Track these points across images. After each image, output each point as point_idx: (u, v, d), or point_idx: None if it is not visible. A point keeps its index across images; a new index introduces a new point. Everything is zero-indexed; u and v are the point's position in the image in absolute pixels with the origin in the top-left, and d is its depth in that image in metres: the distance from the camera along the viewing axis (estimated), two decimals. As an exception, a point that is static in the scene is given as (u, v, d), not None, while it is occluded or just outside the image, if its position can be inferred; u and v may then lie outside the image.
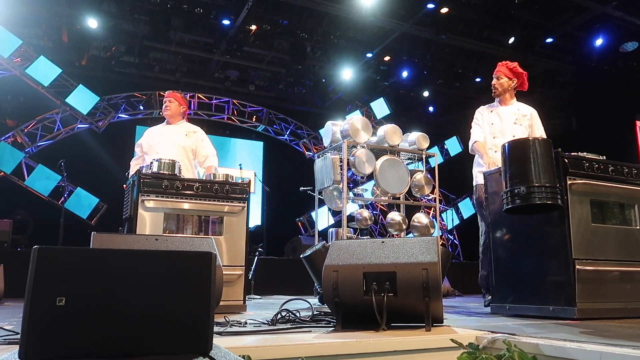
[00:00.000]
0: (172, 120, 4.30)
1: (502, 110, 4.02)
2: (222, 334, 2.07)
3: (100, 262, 1.31)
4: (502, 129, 3.95)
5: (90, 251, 1.31)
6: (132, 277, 1.33)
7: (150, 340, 1.34)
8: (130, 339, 1.32)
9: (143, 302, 1.33)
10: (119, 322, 1.31)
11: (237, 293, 3.44)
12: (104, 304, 1.30)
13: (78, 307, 1.28)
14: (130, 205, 3.43)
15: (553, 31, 8.47)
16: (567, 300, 2.83)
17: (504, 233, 3.31)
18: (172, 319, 1.35)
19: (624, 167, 3.21)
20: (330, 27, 8.67)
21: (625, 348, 1.67)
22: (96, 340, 1.29)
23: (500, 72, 4.04)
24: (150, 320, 1.34)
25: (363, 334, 2.07)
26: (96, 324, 1.29)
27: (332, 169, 4.25)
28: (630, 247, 3.12)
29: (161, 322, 1.35)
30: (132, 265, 1.33)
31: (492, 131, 3.99)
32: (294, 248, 7.95)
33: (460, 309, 3.86)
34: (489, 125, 4.01)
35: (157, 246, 2.24)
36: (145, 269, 1.34)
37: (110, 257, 1.31)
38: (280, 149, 10.52)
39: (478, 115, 4.10)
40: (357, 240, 2.46)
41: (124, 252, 1.37)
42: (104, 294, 1.30)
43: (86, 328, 1.28)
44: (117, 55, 9.06)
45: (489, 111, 4.06)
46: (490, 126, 4.00)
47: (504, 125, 3.96)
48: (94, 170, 8.27)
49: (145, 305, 1.33)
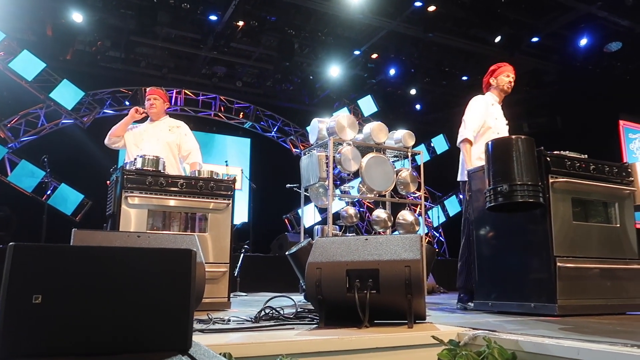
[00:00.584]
0: (156, 117, 4.28)
1: (499, 108, 4.01)
2: (204, 332, 2.07)
3: (77, 260, 1.29)
4: (501, 127, 3.96)
5: (66, 248, 1.30)
6: (110, 275, 1.32)
7: (129, 338, 1.33)
8: (108, 336, 1.31)
9: (121, 299, 1.32)
10: (97, 319, 1.30)
11: (222, 290, 3.43)
12: (81, 302, 1.29)
13: (55, 304, 1.26)
14: (113, 201, 3.40)
15: (539, 30, 8.55)
16: (548, 297, 2.87)
17: (488, 231, 3.34)
18: (151, 317, 1.35)
19: (605, 165, 3.26)
20: (318, 24, 8.65)
21: (602, 344, 1.70)
22: (74, 337, 1.27)
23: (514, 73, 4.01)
24: (129, 318, 1.33)
25: (345, 331, 2.08)
26: (74, 322, 1.27)
27: (318, 166, 4.24)
28: (611, 244, 3.18)
29: (140, 320, 1.34)
30: (110, 263, 1.31)
31: (496, 126, 3.91)
32: (281, 245, 7.94)
33: (443, 306, 3.89)
34: (494, 120, 3.91)
35: (139, 243, 2.22)
36: (123, 267, 1.33)
37: (87, 255, 1.30)
38: (267, 146, 10.49)
39: (482, 103, 3.92)
40: (340, 237, 2.47)
41: (101, 249, 1.36)
42: (82, 292, 1.29)
43: (63, 326, 1.27)
44: (102, 50, 8.94)
45: (491, 104, 3.96)
46: (494, 121, 3.91)
47: (502, 123, 3.99)
48: (79, 166, 8.16)
49: (123, 302, 1.32)
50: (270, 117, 10.28)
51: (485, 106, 3.91)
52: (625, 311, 3.09)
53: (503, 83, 3.97)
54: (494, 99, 4.01)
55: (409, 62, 9.51)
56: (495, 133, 3.85)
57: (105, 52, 9.05)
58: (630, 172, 3.38)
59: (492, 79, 4.02)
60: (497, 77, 3.99)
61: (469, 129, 3.83)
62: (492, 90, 4.05)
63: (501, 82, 3.98)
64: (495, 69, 4.03)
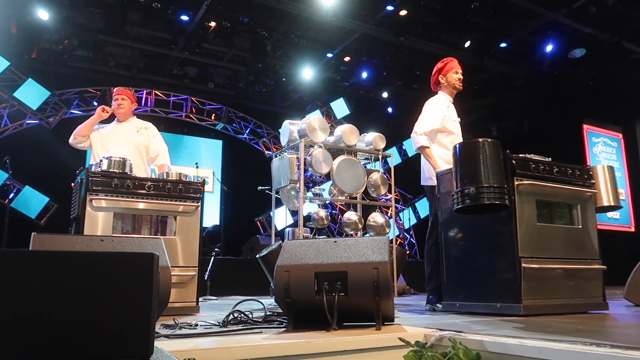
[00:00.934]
0: (123, 118, 4.19)
1: (454, 109, 3.95)
2: (169, 337, 2.03)
3: (34, 265, 1.25)
4: (459, 130, 3.96)
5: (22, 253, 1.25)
6: (68, 280, 1.27)
7: (88, 346, 1.29)
8: (66, 344, 1.27)
9: (80, 306, 1.28)
10: (54, 326, 1.25)
11: (190, 294, 3.38)
12: (38, 308, 1.24)
13: (9, 311, 1.21)
14: (77, 204, 3.31)
15: (507, 36, 8.75)
16: (514, 297, 2.93)
17: (456, 232, 3.39)
18: (111, 323, 1.31)
19: (568, 168, 3.35)
20: (291, 26, 8.65)
21: (564, 343, 1.74)
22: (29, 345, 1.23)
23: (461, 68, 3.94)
24: (88, 325, 1.28)
25: (313, 334, 2.07)
26: (29, 329, 1.23)
27: (289, 168, 4.24)
28: (573, 245, 3.26)
29: (99, 327, 1.30)
30: (69, 268, 1.27)
31: (455, 128, 3.86)
32: (252, 248, 7.88)
33: (413, 307, 3.93)
34: (452, 122, 3.85)
35: (102, 247, 2.16)
36: (82, 272, 1.29)
37: (44, 260, 1.26)
38: (239, 148, 10.41)
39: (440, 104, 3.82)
40: (309, 240, 2.47)
41: (59, 253, 1.31)
42: (38, 298, 1.25)
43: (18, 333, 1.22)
44: (69, 49, 8.71)
45: (447, 106, 3.86)
46: (453, 123, 3.85)
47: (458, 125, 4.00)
48: (44, 168, 7.92)
49: (82, 309, 1.28)
50: (243, 119, 10.21)
51: (441, 109, 3.80)
52: (586, 310, 3.18)
53: (453, 80, 3.87)
54: (448, 100, 3.92)
55: (381, 65, 9.60)
56: (456, 136, 3.83)
57: (72, 51, 8.82)
58: (592, 174, 3.48)
59: (441, 77, 3.92)
60: (447, 75, 3.89)
61: (420, 132, 3.76)
62: (443, 89, 3.94)
63: (451, 80, 3.87)
64: (443, 67, 3.92)
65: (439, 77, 3.94)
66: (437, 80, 3.97)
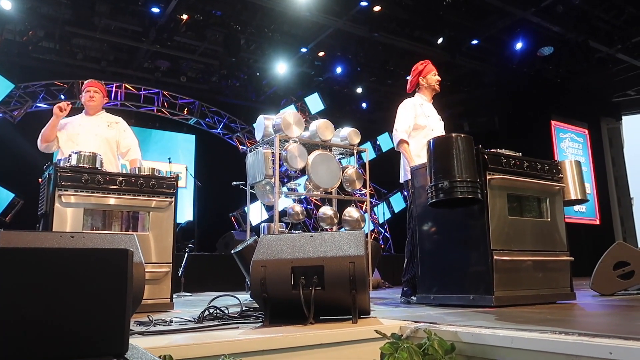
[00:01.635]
0: (94, 111, 4.07)
1: (429, 106, 4.08)
2: (144, 334, 1.99)
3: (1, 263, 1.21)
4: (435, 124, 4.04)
5: (-11, 250, 1.21)
6: (38, 278, 1.24)
7: (61, 344, 1.25)
8: (38, 345, 1.23)
9: (51, 304, 1.25)
10: (24, 326, 1.21)
11: (164, 291, 3.33)
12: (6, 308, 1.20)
13: (-24, 311, 1.17)
14: (46, 200, 3.22)
15: (478, 33, 8.90)
16: (486, 289, 2.99)
17: (430, 226, 3.44)
18: (85, 321, 1.28)
19: (538, 163, 3.43)
20: (264, 20, 8.58)
21: (534, 332, 1.79)
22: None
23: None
24: (60, 324, 1.25)
25: (290, 328, 2.07)
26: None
27: (264, 163, 4.22)
28: (543, 238, 3.35)
29: (72, 325, 1.27)
30: (39, 265, 1.23)
31: (429, 124, 3.95)
32: (227, 244, 7.82)
33: (388, 301, 3.98)
34: (426, 118, 3.95)
35: (73, 244, 2.11)
36: (53, 269, 1.26)
37: (12, 257, 1.22)
38: (212, 143, 10.28)
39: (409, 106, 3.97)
40: (285, 235, 2.46)
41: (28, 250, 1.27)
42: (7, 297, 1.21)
43: (-14, 333, 1.18)
44: (34, 41, 8.42)
45: (420, 104, 4.01)
46: (427, 119, 3.95)
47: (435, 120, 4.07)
48: (9, 163, 7.66)
49: (54, 307, 1.25)
50: (216, 114, 10.09)
51: (413, 108, 3.96)
52: (555, 300, 3.28)
53: (432, 82, 4.06)
54: (423, 99, 4.06)
55: (355, 61, 9.62)
56: (430, 130, 3.93)
57: (37, 43, 8.53)
58: (560, 169, 3.58)
59: (421, 79, 4.07)
60: (427, 77, 4.05)
61: (400, 130, 3.89)
62: (422, 90, 4.09)
63: (431, 81, 4.05)
64: (422, 69, 4.07)
65: (420, 78, 4.08)
66: (417, 82, 4.10)
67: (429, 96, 4.10)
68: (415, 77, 4.11)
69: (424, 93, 4.09)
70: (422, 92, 4.10)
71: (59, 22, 8.08)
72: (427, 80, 4.05)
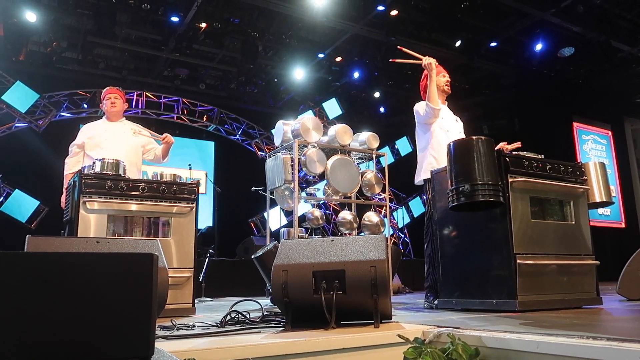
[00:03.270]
0: (116, 118, 4.14)
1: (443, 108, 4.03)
2: (167, 338, 2.02)
3: (32, 267, 1.24)
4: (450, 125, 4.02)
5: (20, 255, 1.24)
6: (67, 282, 1.26)
7: (88, 347, 1.28)
8: (67, 345, 1.26)
9: (80, 307, 1.27)
10: (54, 329, 1.24)
11: (186, 296, 3.36)
12: (37, 311, 1.23)
13: (8, 315, 1.20)
14: (71, 207, 3.28)
15: (497, 35, 8.81)
16: (509, 293, 2.95)
17: (451, 230, 3.41)
18: (112, 324, 1.30)
19: (561, 165, 3.38)
20: (281, 27, 8.64)
21: (560, 337, 1.76)
22: (30, 348, 1.22)
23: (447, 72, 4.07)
24: (88, 326, 1.28)
25: (312, 333, 2.07)
26: (29, 332, 1.22)
27: (283, 168, 4.23)
28: (567, 241, 3.29)
29: (100, 328, 1.29)
30: (67, 269, 1.26)
31: (442, 126, 3.94)
32: (246, 249, 7.86)
33: (409, 305, 3.94)
34: (440, 120, 3.94)
35: (98, 249, 2.15)
36: (81, 273, 1.28)
37: (42, 261, 1.24)
38: (231, 149, 10.37)
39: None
40: (306, 239, 2.46)
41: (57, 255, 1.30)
42: (37, 300, 1.23)
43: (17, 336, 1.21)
44: (58, 51, 8.63)
45: None
46: (440, 120, 3.94)
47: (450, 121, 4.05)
48: (34, 172, 7.84)
49: (82, 310, 1.27)
50: (235, 120, 10.17)
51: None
52: (581, 305, 3.21)
53: (441, 83, 4.01)
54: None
55: (372, 65, 9.61)
56: (445, 131, 3.92)
57: (61, 53, 8.74)
58: (584, 171, 3.52)
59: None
60: (436, 78, 3.99)
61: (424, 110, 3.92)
62: None
63: (440, 83, 4.01)
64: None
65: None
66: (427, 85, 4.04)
67: (441, 98, 4.05)
68: (424, 80, 4.07)
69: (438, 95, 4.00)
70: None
71: (82, 33, 8.27)
72: (436, 82, 3.99)
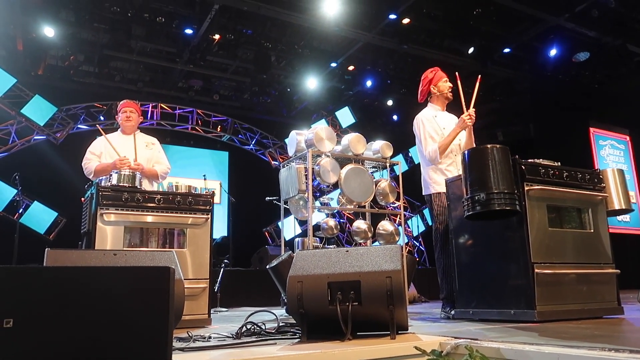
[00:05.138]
0: (130, 131, 4.19)
1: (444, 115, 3.95)
2: (184, 350, 2.02)
3: (52, 281, 1.25)
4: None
5: (39, 270, 1.26)
6: (86, 295, 1.28)
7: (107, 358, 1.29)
8: (86, 357, 1.27)
9: (99, 320, 1.29)
10: (73, 341, 1.26)
11: (202, 307, 3.37)
12: (57, 323, 1.25)
13: (29, 327, 1.22)
14: (88, 219, 3.33)
15: (510, 41, 8.76)
16: (527, 303, 2.90)
17: (467, 239, 3.37)
18: (129, 336, 1.31)
19: (578, 172, 3.33)
20: (294, 37, 8.70)
21: (582, 349, 1.72)
22: None
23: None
24: (107, 338, 1.29)
25: (328, 345, 2.06)
26: (48, 344, 1.23)
27: (297, 178, 4.24)
28: (586, 250, 3.24)
29: (118, 340, 1.30)
30: (86, 283, 1.28)
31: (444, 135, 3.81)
32: (261, 259, 7.87)
33: (426, 315, 3.90)
34: (441, 130, 3.82)
35: (116, 261, 2.17)
36: (100, 286, 1.30)
37: (61, 275, 1.26)
38: (245, 159, 10.44)
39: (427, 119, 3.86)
40: (321, 250, 2.46)
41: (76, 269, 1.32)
42: (58, 313, 1.25)
43: (38, 349, 1.22)
44: (75, 65, 8.81)
45: (433, 117, 3.87)
46: (442, 131, 3.83)
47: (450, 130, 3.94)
48: (52, 183, 7.98)
49: (101, 323, 1.29)
50: (248, 130, 10.25)
51: (429, 123, 3.84)
52: (601, 315, 3.15)
53: (444, 89, 3.90)
54: (436, 109, 3.93)
55: (385, 73, 9.62)
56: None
57: (78, 67, 8.92)
58: (602, 178, 3.46)
59: (432, 87, 3.93)
60: (438, 84, 3.91)
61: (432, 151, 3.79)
62: (434, 99, 3.95)
63: (443, 89, 3.90)
64: (432, 77, 3.93)
65: (431, 87, 3.95)
66: (429, 91, 3.97)
67: (442, 105, 3.95)
68: (426, 86, 3.97)
69: (436, 102, 3.95)
70: (434, 101, 3.95)
71: (98, 46, 8.42)
72: (438, 88, 3.89)
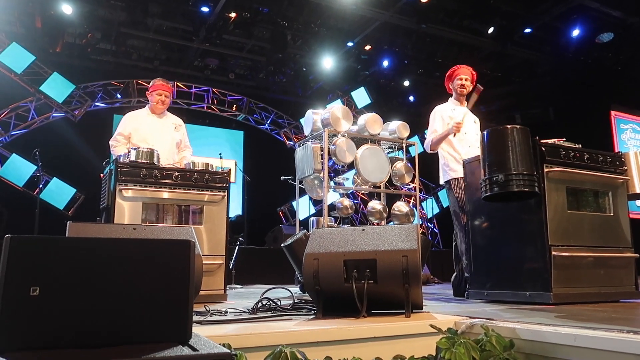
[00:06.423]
0: (161, 112, 4.15)
1: (461, 110, 4.05)
2: (202, 323, 2.06)
3: (76, 251, 1.28)
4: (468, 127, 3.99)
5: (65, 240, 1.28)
6: (109, 266, 1.31)
7: (129, 329, 1.32)
8: (108, 327, 1.30)
9: (120, 290, 1.31)
10: (96, 311, 1.28)
11: (218, 282, 3.42)
12: (80, 293, 1.28)
13: (53, 296, 1.25)
14: (107, 194, 3.37)
15: (531, 22, 8.56)
16: (543, 285, 2.89)
17: (483, 220, 3.35)
18: (151, 308, 1.34)
19: (599, 155, 3.27)
20: (310, 16, 8.60)
21: (599, 331, 1.71)
22: (73, 329, 1.26)
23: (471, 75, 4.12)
24: (128, 309, 1.32)
25: (344, 321, 2.08)
26: (72, 314, 1.26)
27: (313, 157, 4.24)
28: (605, 233, 3.20)
29: (139, 311, 1.33)
30: (108, 254, 1.30)
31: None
32: (275, 237, 7.94)
33: (439, 296, 3.92)
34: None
35: (135, 235, 2.21)
36: (122, 258, 1.32)
37: (85, 246, 1.29)
38: (260, 138, 10.45)
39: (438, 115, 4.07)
40: (337, 228, 2.47)
41: (99, 240, 1.34)
42: (80, 283, 1.28)
43: (62, 318, 1.25)
44: (93, 43, 8.84)
45: (452, 109, 4.07)
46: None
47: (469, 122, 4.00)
48: (71, 160, 8.10)
49: (122, 294, 1.31)
50: (264, 109, 10.23)
51: (442, 116, 4.03)
52: (618, 299, 3.13)
53: (456, 87, 4.09)
54: (455, 104, 4.12)
55: (402, 53, 9.49)
56: (463, 133, 3.92)
57: (95, 45, 8.95)
58: (624, 161, 3.40)
59: (450, 84, 4.15)
60: (453, 82, 4.12)
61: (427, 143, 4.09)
62: (453, 95, 4.15)
63: (455, 86, 4.09)
64: (451, 74, 4.15)
65: (449, 84, 4.19)
66: (448, 87, 4.23)
67: (460, 100, 4.12)
68: (446, 82, 4.21)
69: (455, 97, 4.14)
70: (454, 96, 4.16)
71: (115, 24, 8.43)
72: (453, 86, 4.13)
